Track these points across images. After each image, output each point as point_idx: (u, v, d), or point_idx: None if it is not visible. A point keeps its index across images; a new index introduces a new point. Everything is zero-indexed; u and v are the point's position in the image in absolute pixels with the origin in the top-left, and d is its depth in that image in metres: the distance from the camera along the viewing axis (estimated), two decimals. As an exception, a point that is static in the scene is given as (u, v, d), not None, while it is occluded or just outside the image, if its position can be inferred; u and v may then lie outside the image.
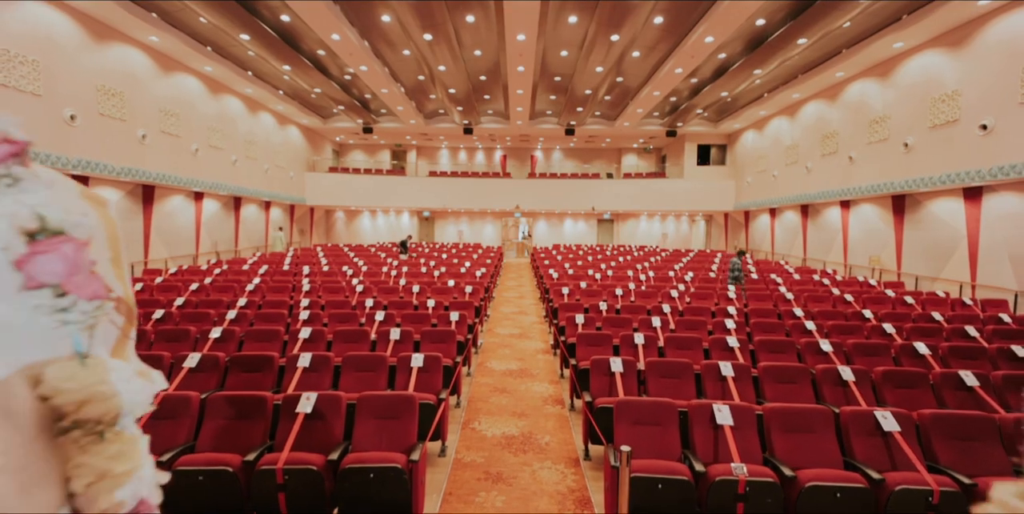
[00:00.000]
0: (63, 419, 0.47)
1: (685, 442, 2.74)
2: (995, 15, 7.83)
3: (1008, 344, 4.47)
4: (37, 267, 0.45)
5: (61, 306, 0.46)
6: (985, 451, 2.57)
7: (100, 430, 0.48)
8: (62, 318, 0.47)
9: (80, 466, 0.48)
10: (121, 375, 0.49)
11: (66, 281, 0.46)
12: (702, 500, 2.36)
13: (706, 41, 9.81)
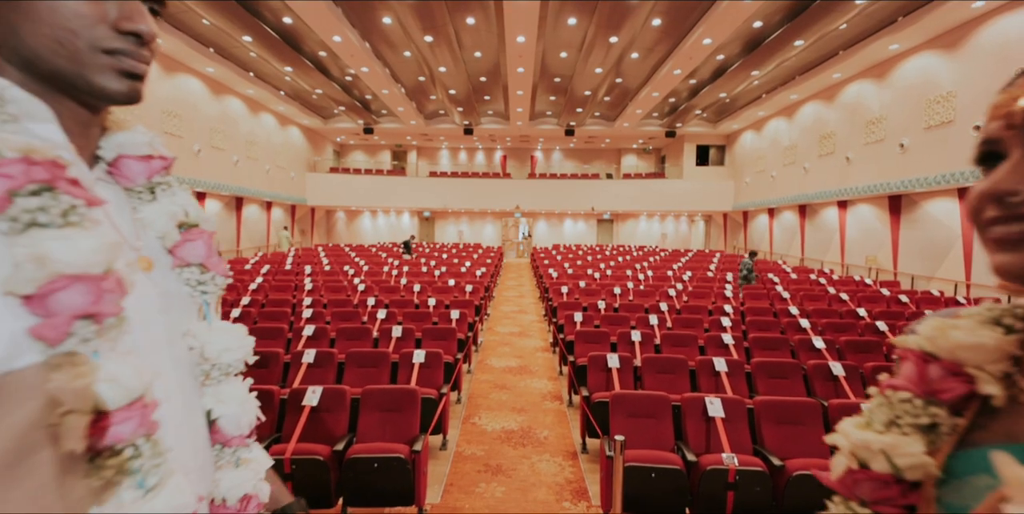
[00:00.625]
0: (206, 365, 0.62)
1: (678, 434, 2.83)
2: (989, 18, 7.93)
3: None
4: (186, 250, 0.60)
5: (202, 280, 0.61)
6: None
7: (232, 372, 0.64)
8: (202, 289, 0.61)
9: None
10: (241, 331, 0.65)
11: (206, 261, 0.61)
12: (694, 489, 2.45)
13: (704, 43, 9.91)
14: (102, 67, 0.49)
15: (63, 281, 0.41)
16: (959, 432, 0.42)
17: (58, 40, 0.46)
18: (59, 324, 0.41)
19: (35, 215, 0.42)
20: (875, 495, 0.44)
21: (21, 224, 0.41)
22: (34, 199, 0.42)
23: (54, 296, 0.41)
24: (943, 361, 0.44)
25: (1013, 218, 0.38)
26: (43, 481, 0.39)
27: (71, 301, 0.42)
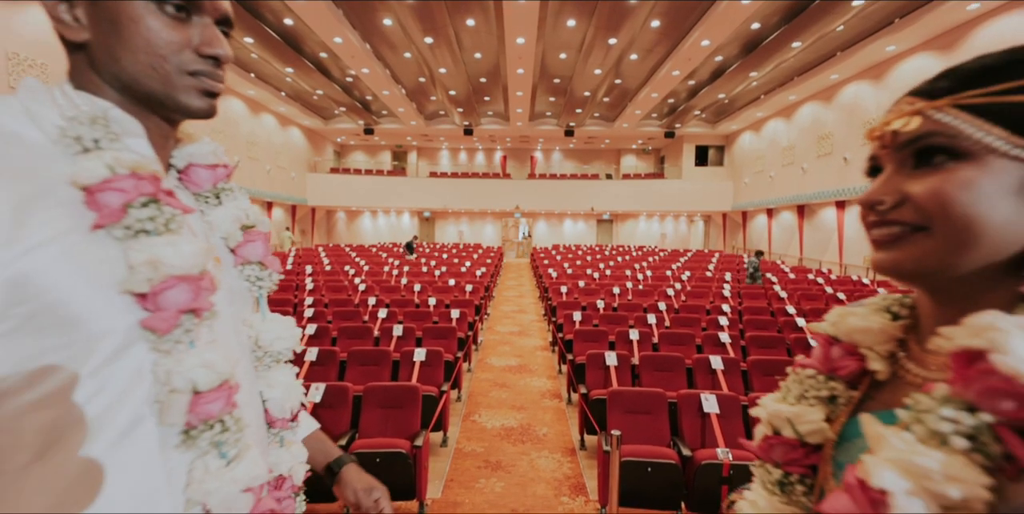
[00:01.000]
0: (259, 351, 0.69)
1: (674, 430, 2.89)
2: (984, 19, 7.99)
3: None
4: (247, 250, 0.67)
5: (260, 277, 0.68)
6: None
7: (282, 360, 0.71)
8: (259, 285, 0.68)
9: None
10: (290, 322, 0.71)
11: (263, 259, 0.68)
12: (689, 483, 2.51)
13: (702, 44, 9.98)
14: (187, 88, 0.55)
15: (171, 281, 0.50)
16: (853, 402, 0.51)
17: (152, 65, 0.52)
18: (168, 318, 0.49)
19: (145, 224, 0.50)
20: (785, 457, 0.52)
21: (133, 232, 0.50)
22: (144, 210, 0.50)
23: (164, 294, 0.49)
24: (843, 343, 0.53)
25: (883, 223, 0.45)
26: (148, 448, 0.48)
27: (177, 298, 0.50)
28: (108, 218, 0.48)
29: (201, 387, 0.50)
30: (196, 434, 0.51)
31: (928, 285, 0.46)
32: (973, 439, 0.36)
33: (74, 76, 0.54)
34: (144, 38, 0.51)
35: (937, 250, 0.42)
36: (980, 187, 0.40)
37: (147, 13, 0.51)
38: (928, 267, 0.43)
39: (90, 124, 0.50)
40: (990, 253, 0.41)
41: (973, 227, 0.40)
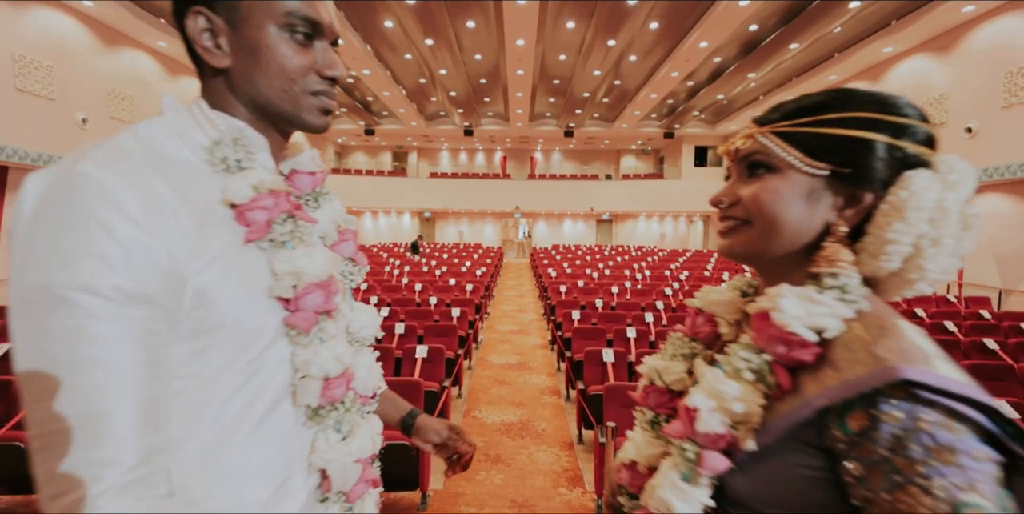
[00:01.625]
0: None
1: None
2: (980, 21, 8.08)
3: (982, 338, 4.70)
4: (342, 248, 0.73)
5: (352, 271, 0.75)
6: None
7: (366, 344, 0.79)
8: (351, 278, 0.75)
9: None
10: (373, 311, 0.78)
11: (354, 255, 0.75)
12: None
13: (701, 46, 10.07)
14: (311, 107, 0.61)
15: (310, 288, 0.59)
16: (708, 358, 0.65)
17: (284, 88, 0.59)
18: (308, 317, 0.59)
19: (285, 237, 0.58)
20: (656, 401, 0.68)
21: (276, 244, 0.58)
22: (284, 225, 0.59)
23: (304, 298, 0.59)
24: (705, 313, 0.69)
25: (724, 217, 0.61)
26: (285, 425, 0.58)
27: (314, 301, 0.59)
28: (257, 233, 0.56)
29: (331, 375, 0.60)
30: (324, 413, 0.61)
31: (755, 265, 0.62)
32: (757, 373, 0.53)
33: (210, 96, 0.61)
34: (279, 64, 0.58)
35: (756, 238, 0.58)
36: (782, 193, 0.55)
37: (281, 42, 0.58)
38: (751, 251, 0.59)
39: (233, 145, 0.57)
40: (790, 241, 0.56)
41: (777, 221, 0.56)
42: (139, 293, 0.47)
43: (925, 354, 0.46)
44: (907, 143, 0.54)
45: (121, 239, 0.46)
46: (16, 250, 0.45)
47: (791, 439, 0.50)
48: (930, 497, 0.41)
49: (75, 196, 0.45)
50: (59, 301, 0.44)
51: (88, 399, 0.43)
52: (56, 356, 0.44)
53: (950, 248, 0.53)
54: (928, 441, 0.43)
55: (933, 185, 0.52)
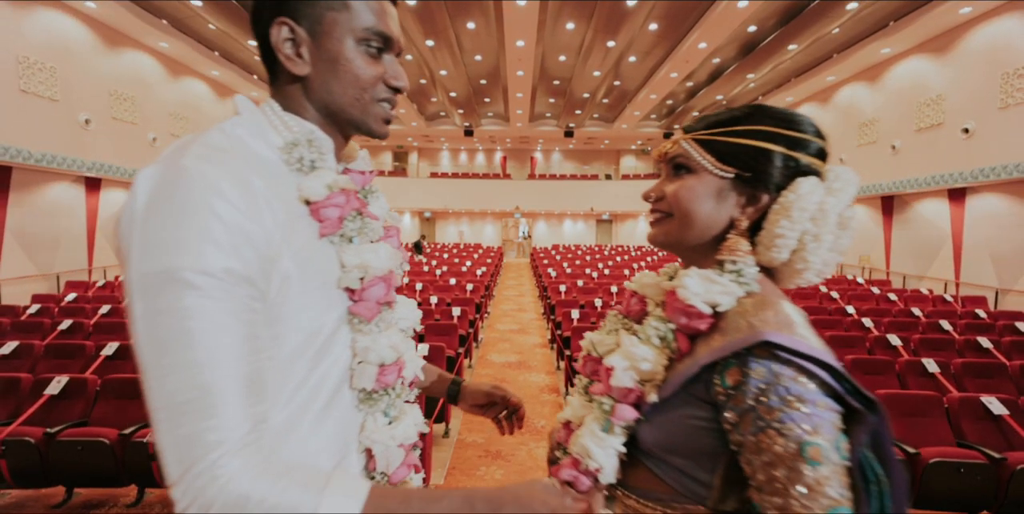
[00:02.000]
0: None
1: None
2: (976, 23, 8.13)
3: (976, 336, 4.76)
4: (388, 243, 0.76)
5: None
6: (931, 425, 2.87)
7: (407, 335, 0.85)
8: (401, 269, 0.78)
9: None
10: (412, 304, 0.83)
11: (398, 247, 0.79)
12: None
13: (699, 47, 10.12)
14: (376, 115, 0.67)
15: (375, 281, 0.64)
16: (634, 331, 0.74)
17: (356, 97, 0.64)
18: (371, 308, 0.65)
19: (354, 233, 0.64)
20: (591, 370, 0.75)
21: (346, 239, 0.64)
22: (354, 222, 0.64)
23: (369, 290, 0.64)
24: (638, 294, 0.78)
25: (653, 210, 0.72)
26: (345, 407, 0.64)
27: (378, 293, 0.65)
28: (330, 229, 0.62)
29: (386, 362, 0.65)
30: (376, 397, 0.66)
31: (676, 252, 0.73)
32: (664, 339, 0.65)
33: (283, 99, 0.66)
34: (354, 74, 0.63)
35: (675, 229, 0.68)
36: (697, 191, 0.66)
37: (357, 54, 0.63)
38: (671, 239, 0.70)
39: (307, 147, 0.62)
40: (702, 232, 0.67)
41: (691, 215, 0.66)
42: (244, 274, 0.51)
43: (790, 324, 0.56)
44: (800, 155, 0.64)
45: (228, 225, 0.50)
46: (134, 240, 0.49)
47: (685, 393, 0.61)
48: (783, 438, 0.52)
49: (184, 188, 0.50)
50: (179, 283, 0.48)
51: (204, 372, 0.48)
52: (177, 333, 0.48)
53: (829, 244, 0.64)
54: (783, 392, 0.53)
55: (817, 190, 0.62)
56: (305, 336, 0.58)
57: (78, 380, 3.09)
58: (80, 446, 2.66)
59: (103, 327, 4.84)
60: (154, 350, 0.48)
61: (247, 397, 0.50)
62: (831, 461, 0.51)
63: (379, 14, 0.64)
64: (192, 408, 0.47)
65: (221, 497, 0.46)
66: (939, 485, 2.57)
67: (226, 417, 0.48)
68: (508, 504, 0.53)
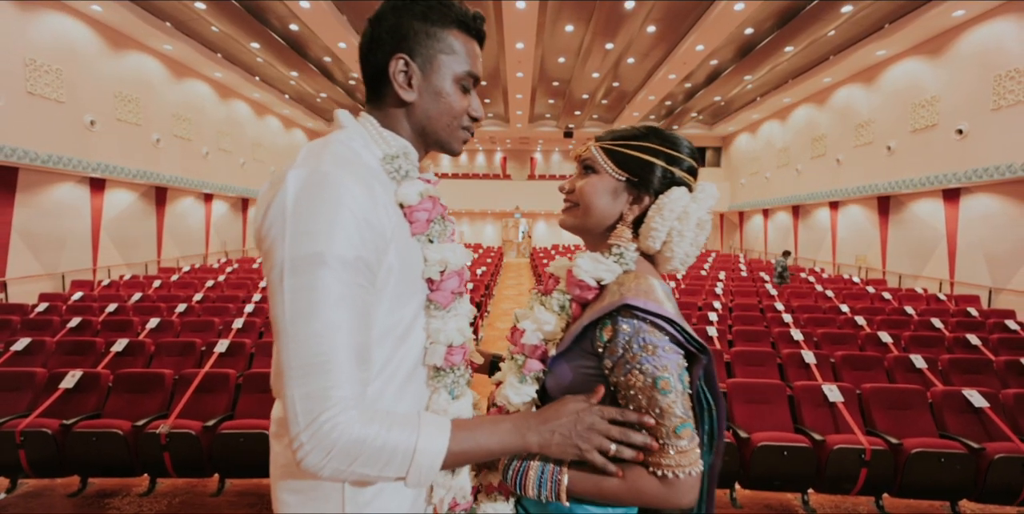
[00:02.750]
0: None
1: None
2: (969, 25, 8.24)
3: (965, 333, 4.86)
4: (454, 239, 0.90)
5: None
6: (915, 417, 2.98)
7: None
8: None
9: None
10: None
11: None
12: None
13: (697, 49, 10.22)
14: (459, 138, 0.81)
15: (452, 274, 0.76)
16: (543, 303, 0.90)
17: (448, 124, 0.79)
18: (447, 296, 0.77)
19: (437, 234, 0.76)
20: (516, 339, 0.89)
21: (433, 239, 0.76)
22: (438, 225, 0.77)
23: (446, 282, 0.76)
24: (554, 275, 0.94)
25: (566, 200, 0.90)
26: (420, 382, 0.77)
27: (452, 284, 0.77)
28: (419, 229, 0.75)
29: (454, 344, 0.77)
30: (443, 375, 0.77)
31: (580, 237, 0.90)
32: (563, 307, 0.83)
33: (384, 117, 0.79)
34: (450, 106, 0.78)
35: (579, 217, 0.86)
36: (597, 188, 0.84)
37: (454, 90, 0.78)
38: (576, 225, 0.88)
39: (405, 159, 0.76)
40: (599, 221, 0.84)
41: (591, 207, 0.84)
42: (368, 262, 0.64)
43: (649, 292, 0.74)
44: (676, 169, 0.83)
45: (359, 221, 0.63)
46: (286, 227, 0.60)
47: (577, 348, 0.78)
48: (642, 374, 0.69)
49: (327, 189, 0.62)
50: (321, 265, 0.59)
51: (329, 340, 0.59)
52: (312, 306, 0.59)
53: (690, 240, 0.81)
54: (641, 342, 0.70)
55: (684, 198, 0.80)
56: (395, 319, 0.71)
57: (92, 374, 3.20)
58: (95, 437, 2.77)
59: (111, 324, 4.94)
60: (293, 319, 0.59)
61: (359, 363, 0.62)
62: (676, 390, 0.69)
63: (474, 59, 0.79)
64: (318, 370, 0.59)
65: (341, 441, 0.58)
66: (921, 474, 2.67)
67: (344, 378, 0.59)
68: (545, 422, 0.71)
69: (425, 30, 0.75)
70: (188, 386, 3.14)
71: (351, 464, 0.59)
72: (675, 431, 0.68)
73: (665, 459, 0.68)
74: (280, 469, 0.72)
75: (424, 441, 0.63)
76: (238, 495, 2.93)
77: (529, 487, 0.73)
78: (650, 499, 0.70)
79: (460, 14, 0.77)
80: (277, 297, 0.60)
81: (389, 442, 0.60)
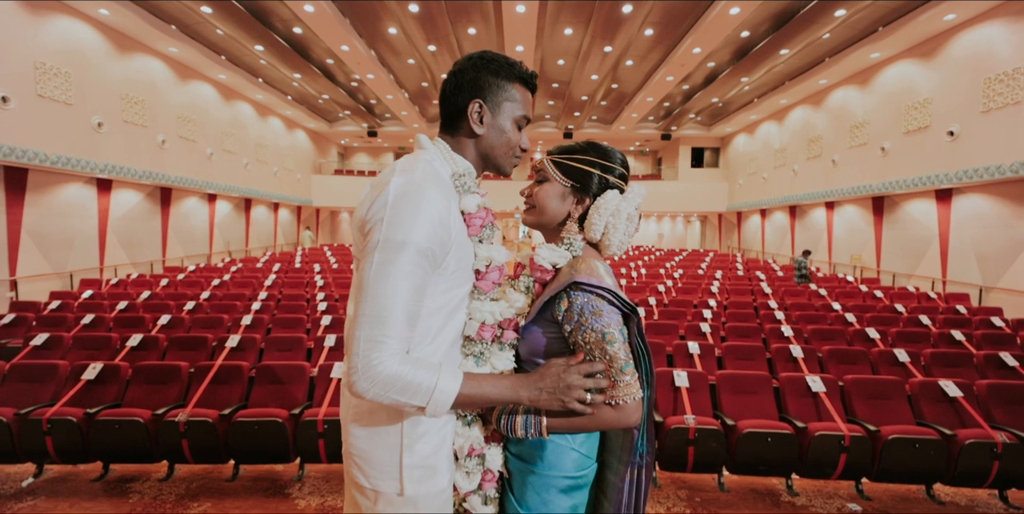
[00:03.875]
0: None
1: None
2: (960, 29, 8.39)
3: (951, 329, 5.02)
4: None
5: None
6: (893, 407, 3.13)
7: None
8: None
9: None
10: None
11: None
12: (661, 445, 2.92)
13: (694, 52, 10.38)
14: (511, 164, 1.08)
15: (494, 268, 0.99)
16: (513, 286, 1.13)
17: (505, 153, 1.05)
18: (489, 285, 1.01)
19: (487, 237, 0.98)
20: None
21: (483, 240, 0.98)
22: (488, 230, 0.99)
23: (489, 274, 1.00)
24: (520, 263, 1.11)
25: (525, 203, 1.12)
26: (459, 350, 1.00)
27: (494, 277, 0.99)
28: (474, 232, 1.00)
29: (487, 322, 1.02)
30: (472, 345, 1.01)
31: (541, 231, 1.12)
32: (528, 288, 1.07)
33: (455, 143, 1.05)
34: (508, 139, 1.04)
35: (537, 216, 1.08)
36: (549, 193, 1.06)
37: (512, 128, 1.04)
38: (535, 223, 1.09)
39: (469, 177, 1.01)
40: (552, 219, 1.07)
41: (545, 208, 1.06)
42: (434, 253, 0.88)
43: (592, 272, 0.96)
44: (609, 176, 1.06)
45: (435, 222, 0.87)
46: (385, 217, 0.85)
47: (541, 319, 1.01)
48: (593, 332, 0.92)
49: (418, 195, 0.87)
50: (403, 248, 0.84)
51: (391, 302, 0.83)
52: (387, 276, 0.83)
53: (623, 230, 1.03)
54: (591, 308, 0.93)
55: (616, 198, 1.03)
56: (448, 297, 0.97)
57: (112, 367, 3.36)
58: (117, 425, 2.93)
59: (123, 321, 5.10)
60: (372, 281, 0.84)
61: (407, 324, 0.86)
62: (619, 340, 0.93)
63: (527, 105, 1.06)
64: (380, 321, 0.83)
65: (383, 375, 0.82)
66: (897, 459, 2.83)
67: (395, 331, 0.83)
68: (535, 383, 0.91)
69: (497, 83, 1.01)
70: (203, 378, 3.30)
71: (387, 392, 0.82)
72: (621, 370, 0.91)
73: (616, 391, 0.92)
74: (352, 410, 0.97)
75: (442, 383, 0.85)
76: (252, 480, 3.09)
77: (518, 430, 0.95)
78: (608, 423, 0.93)
79: (522, 73, 1.03)
80: (366, 263, 0.85)
81: (416, 379, 0.83)
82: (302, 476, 3.11)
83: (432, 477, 0.95)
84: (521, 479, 1.03)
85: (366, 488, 0.94)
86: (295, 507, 2.78)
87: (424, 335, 0.93)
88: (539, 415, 0.95)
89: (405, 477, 0.92)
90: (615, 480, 1.02)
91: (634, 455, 1.00)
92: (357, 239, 0.93)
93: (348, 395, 0.97)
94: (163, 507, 2.77)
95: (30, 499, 2.85)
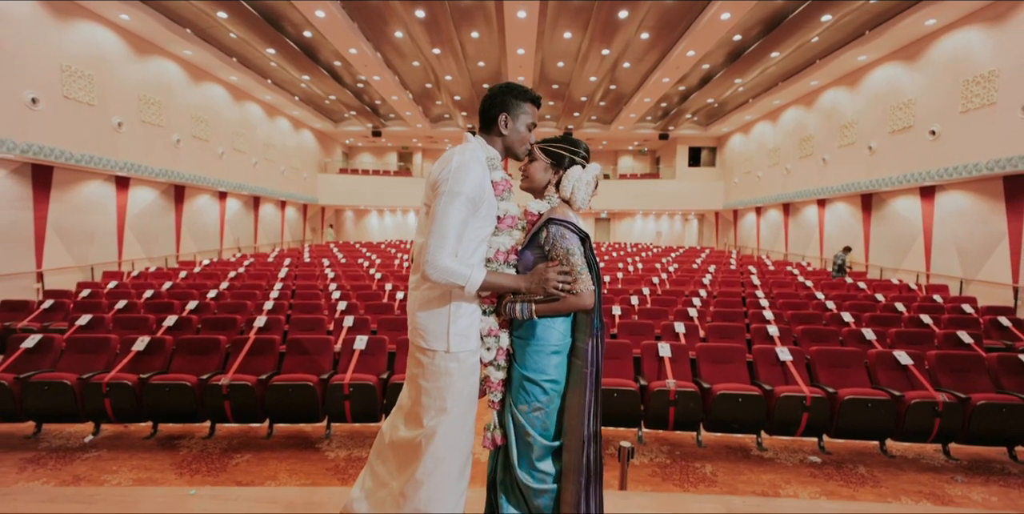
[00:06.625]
0: None
1: (637, 370, 3.70)
2: (941, 34, 8.79)
3: (920, 314, 5.41)
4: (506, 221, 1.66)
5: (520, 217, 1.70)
6: (852, 374, 3.54)
7: None
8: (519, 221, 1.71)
9: None
10: None
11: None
12: (646, 405, 3.32)
13: (688, 54, 10.78)
14: (523, 152, 1.62)
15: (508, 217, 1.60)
16: None
17: (518, 146, 1.61)
18: (505, 227, 1.57)
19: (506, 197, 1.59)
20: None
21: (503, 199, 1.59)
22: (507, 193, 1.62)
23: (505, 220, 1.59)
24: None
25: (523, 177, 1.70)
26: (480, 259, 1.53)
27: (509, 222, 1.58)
28: (498, 192, 1.57)
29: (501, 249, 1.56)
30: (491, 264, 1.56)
31: (532, 193, 1.67)
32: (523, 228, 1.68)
33: (489, 138, 1.58)
34: (522, 138, 1.60)
35: (529, 183, 1.66)
36: (536, 167, 1.64)
37: (525, 130, 1.59)
38: (529, 187, 1.67)
39: (497, 159, 1.59)
40: (539, 184, 1.64)
41: (534, 177, 1.63)
42: (476, 201, 1.43)
43: (563, 214, 1.50)
44: (576, 157, 1.58)
45: (477, 184, 1.43)
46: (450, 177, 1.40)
47: (531, 245, 1.55)
48: (562, 249, 1.46)
49: (469, 167, 1.43)
50: (459, 195, 1.39)
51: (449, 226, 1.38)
52: (448, 210, 1.38)
53: (583, 191, 1.54)
54: (559, 233, 1.47)
55: (578, 170, 1.55)
56: (481, 231, 1.50)
57: (157, 339, 3.77)
58: (167, 388, 3.34)
59: (153, 306, 5.51)
60: (441, 212, 1.39)
61: (457, 240, 1.40)
62: (577, 254, 1.45)
63: (535, 115, 1.61)
64: (442, 237, 1.37)
65: (442, 264, 1.35)
66: (853, 417, 3.23)
67: (449, 244, 1.37)
68: (529, 278, 1.45)
69: (516, 103, 1.56)
70: (240, 350, 3.70)
71: (444, 276, 1.35)
72: (579, 271, 1.44)
73: (577, 285, 1.44)
74: (417, 302, 1.51)
75: (475, 273, 1.39)
76: (285, 438, 3.50)
77: (517, 313, 1.48)
78: (573, 305, 1.46)
79: (532, 96, 1.58)
80: (436, 204, 1.40)
81: (460, 270, 1.37)
82: (330, 434, 3.51)
83: (467, 341, 1.47)
84: (522, 350, 1.54)
85: (426, 349, 1.47)
86: (325, 457, 3.18)
87: (464, 254, 1.46)
88: (530, 303, 1.47)
89: (451, 340, 1.44)
90: (582, 346, 1.50)
91: (593, 328, 1.48)
92: (428, 192, 1.49)
93: (414, 295, 1.52)
94: (210, 457, 3.17)
95: (94, 451, 3.25)
